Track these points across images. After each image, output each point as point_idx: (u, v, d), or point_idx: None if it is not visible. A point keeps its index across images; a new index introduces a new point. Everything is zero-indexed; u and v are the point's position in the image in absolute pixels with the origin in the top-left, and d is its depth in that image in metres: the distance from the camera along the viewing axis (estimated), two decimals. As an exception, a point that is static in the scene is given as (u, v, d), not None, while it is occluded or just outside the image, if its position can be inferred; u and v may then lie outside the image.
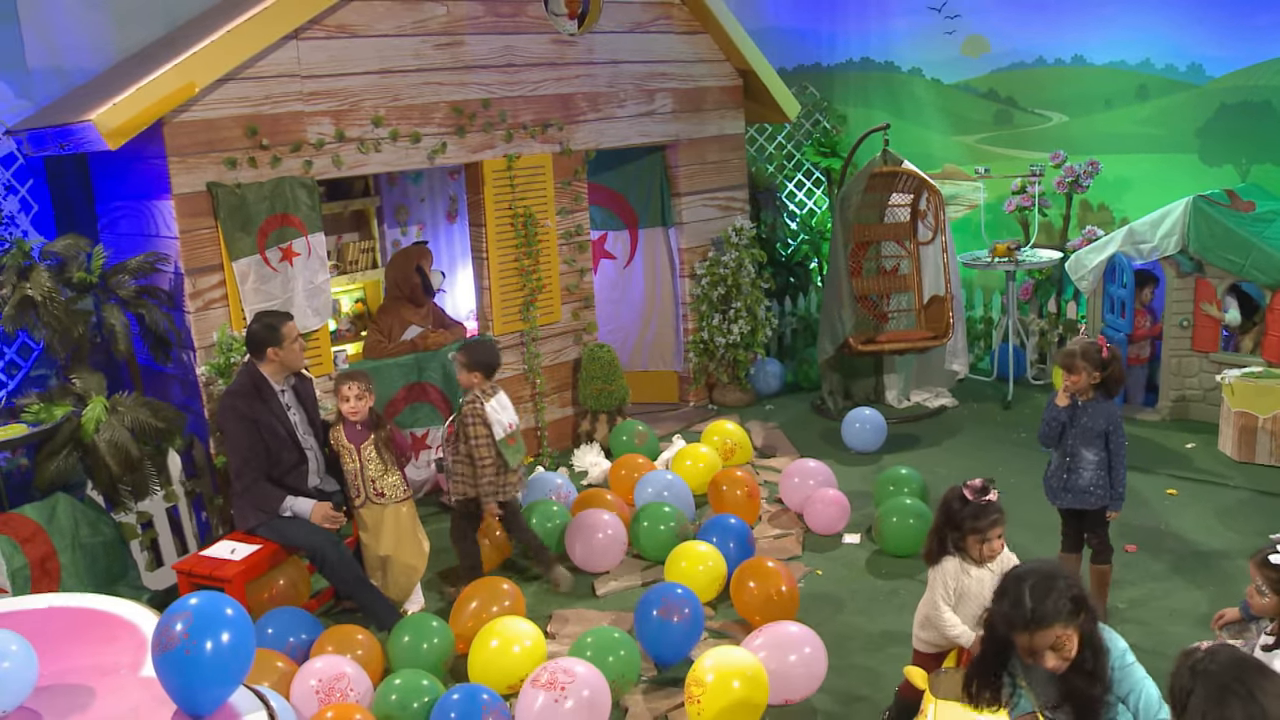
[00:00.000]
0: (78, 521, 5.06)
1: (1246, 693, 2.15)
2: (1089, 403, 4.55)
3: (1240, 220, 6.98)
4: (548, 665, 4.03)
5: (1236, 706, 2.14)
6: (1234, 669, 2.18)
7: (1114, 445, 4.56)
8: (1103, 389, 4.54)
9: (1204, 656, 2.23)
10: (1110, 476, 4.59)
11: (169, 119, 5.41)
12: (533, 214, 6.91)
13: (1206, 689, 2.17)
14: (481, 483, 5.12)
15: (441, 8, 6.37)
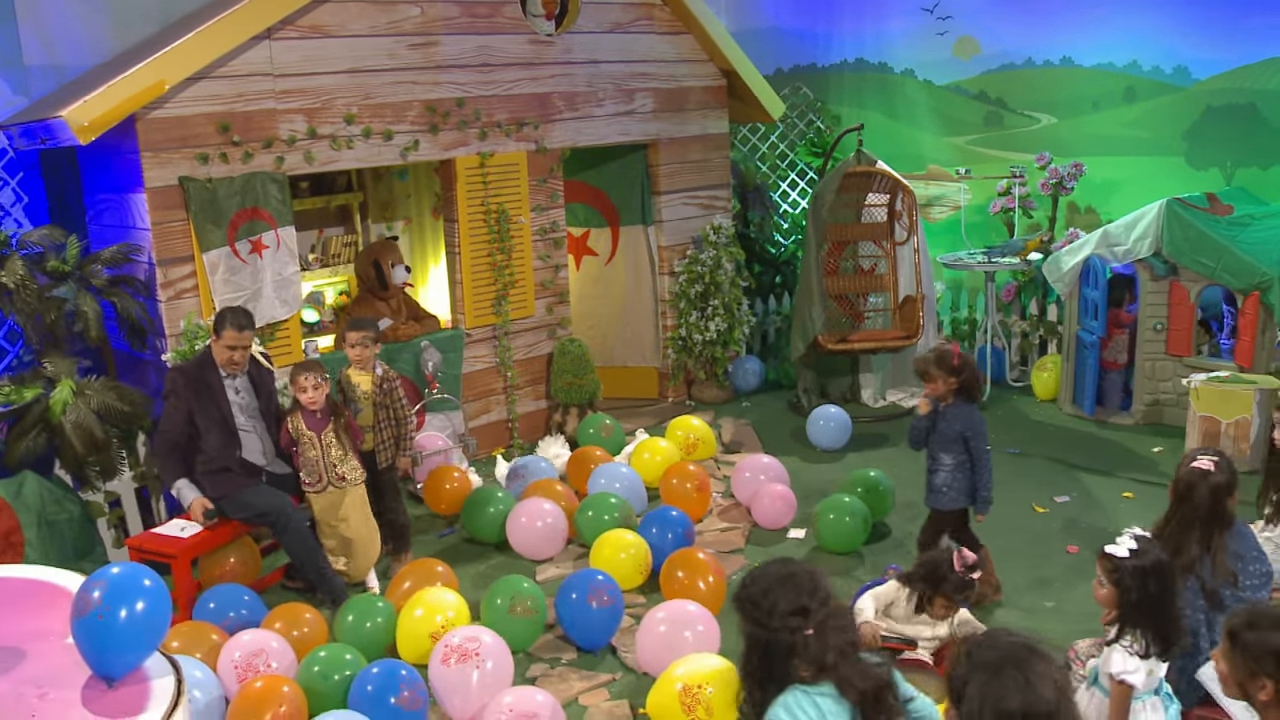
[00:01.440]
0: (44, 499, 5.30)
1: (1021, 677, 2.19)
2: (949, 408, 4.65)
3: (1215, 224, 6.94)
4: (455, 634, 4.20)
5: (1011, 690, 2.18)
6: (1008, 653, 2.23)
7: (973, 450, 4.66)
8: (963, 394, 4.60)
9: (978, 643, 2.30)
10: (973, 480, 4.68)
11: (142, 115, 5.64)
12: (506, 210, 7.07)
13: (982, 675, 2.23)
14: (409, 434, 5.57)
15: (416, 9, 6.55)
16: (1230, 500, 3.43)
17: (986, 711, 2.17)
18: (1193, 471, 3.44)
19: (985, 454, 4.69)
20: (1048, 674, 2.21)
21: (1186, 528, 3.36)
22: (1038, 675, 2.20)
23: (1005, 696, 2.18)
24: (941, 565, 3.77)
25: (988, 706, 2.19)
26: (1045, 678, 2.21)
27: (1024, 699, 2.18)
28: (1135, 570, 3.03)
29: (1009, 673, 2.21)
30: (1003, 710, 2.16)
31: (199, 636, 4.49)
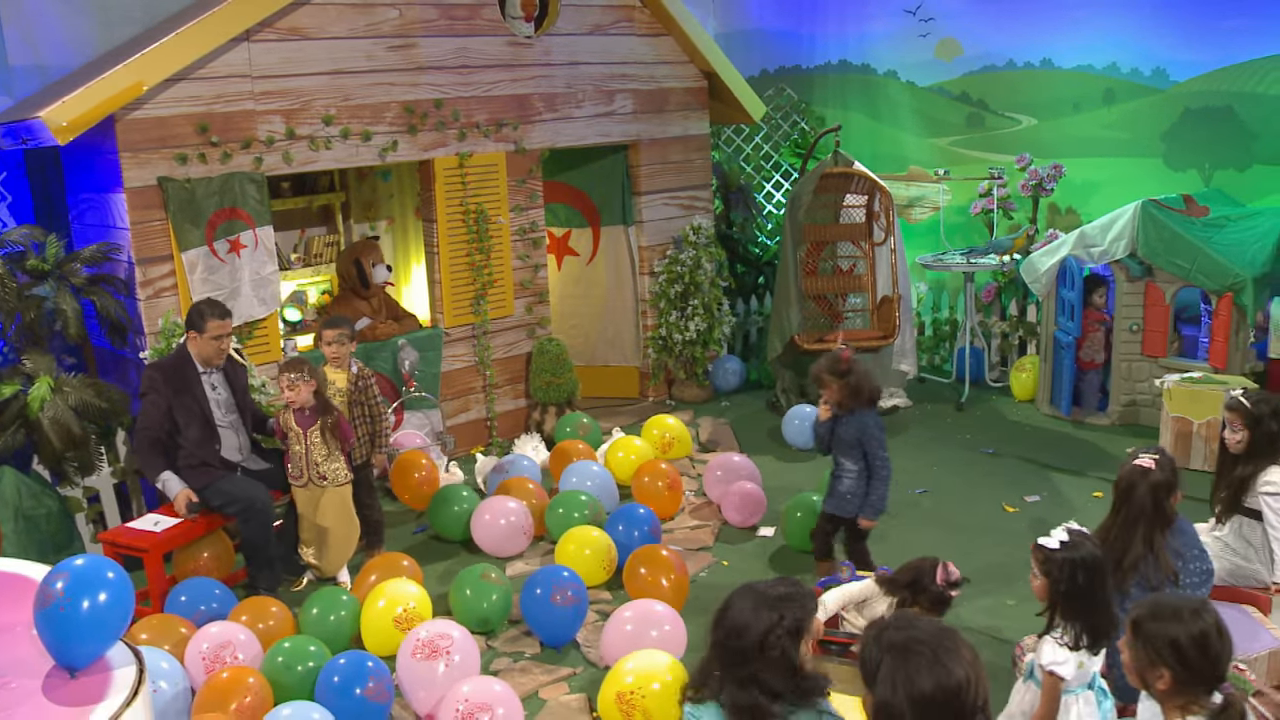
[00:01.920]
0: (22, 494, 5.38)
1: (931, 654, 2.21)
2: (848, 414, 4.66)
3: (1190, 225, 6.98)
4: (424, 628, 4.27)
5: (922, 668, 2.20)
6: (917, 635, 2.27)
7: (870, 455, 4.68)
8: (860, 400, 4.62)
9: (887, 626, 2.34)
10: (867, 486, 4.71)
11: (121, 116, 5.72)
12: (485, 211, 7.14)
13: (892, 656, 2.25)
14: (384, 431, 5.66)
15: (394, 11, 6.62)
16: (1172, 498, 3.48)
17: (899, 692, 2.20)
18: (1133, 470, 3.49)
19: (882, 460, 4.69)
20: (958, 652, 2.23)
21: (1130, 526, 3.41)
22: (947, 652, 2.22)
23: (916, 676, 2.19)
24: (924, 575, 3.81)
25: (899, 687, 2.21)
26: (955, 655, 2.22)
27: (935, 677, 2.19)
28: (1064, 562, 3.08)
29: (918, 651, 2.22)
30: (915, 690, 2.18)
31: (168, 629, 4.56)
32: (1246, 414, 4.11)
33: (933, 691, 2.17)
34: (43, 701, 3.57)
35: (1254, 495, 4.09)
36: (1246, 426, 4.12)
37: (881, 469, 4.71)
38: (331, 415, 5.28)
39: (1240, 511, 4.15)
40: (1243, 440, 4.13)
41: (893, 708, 2.20)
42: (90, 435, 5.64)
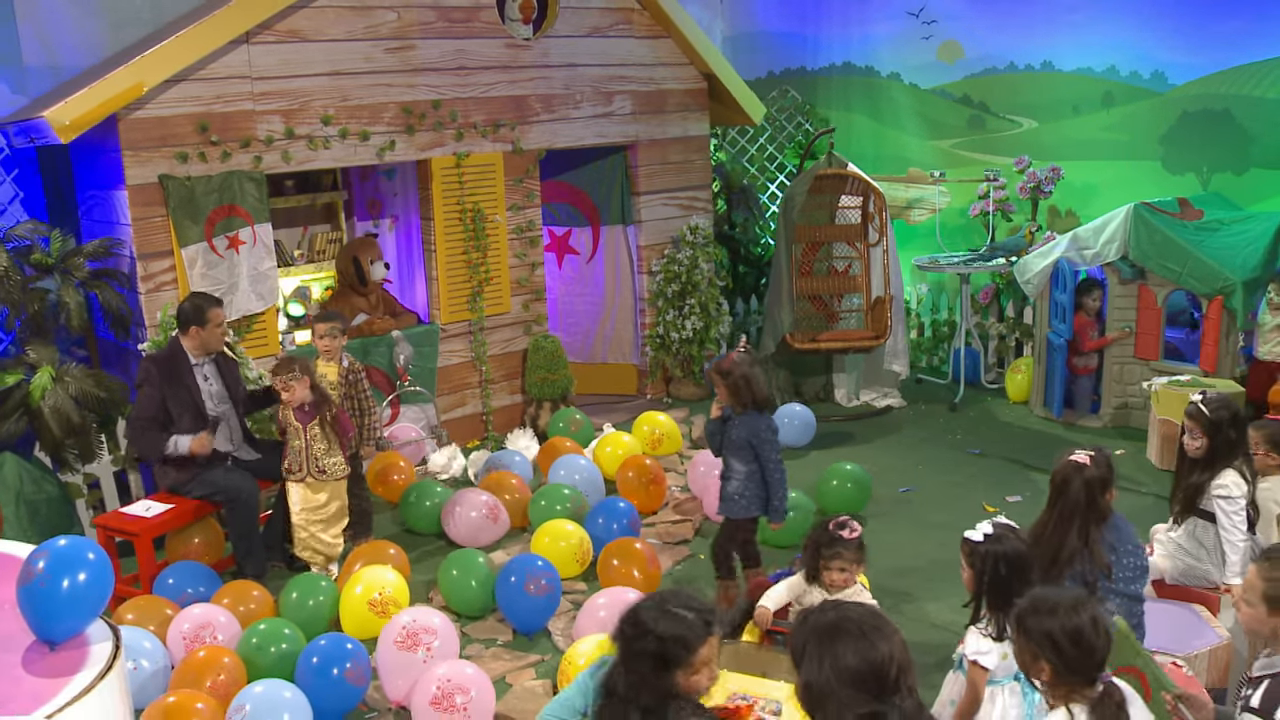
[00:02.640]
0: (23, 479, 5.59)
1: (857, 632, 2.28)
2: (739, 415, 4.65)
3: (1182, 228, 6.99)
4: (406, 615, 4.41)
5: (847, 643, 2.26)
6: (844, 616, 2.34)
7: (761, 458, 4.62)
8: (750, 401, 4.60)
9: (816, 609, 2.42)
10: (766, 489, 4.66)
11: (124, 115, 5.91)
12: (481, 210, 7.28)
13: (818, 635, 2.32)
14: (373, 424, 5.78)
15: (392, 14, 6.78)
16: (1107, 494, 3.54)
17: (826, 670, 2.26)
18: (1068, 465, 3.56)
19: (776, 463, 4.64)
20: (882, 631, 2.29)
21: (1065, 520, 3.47)
22: (873, 630, 2.29)
23: (842, 654, 2.25)
24: (813, 534, 3.89)
25: (826, 665, 2.27)
26: (880, 633, 2.29)
27: (860, 653, 2.25)
28: (988, 554, 3.16)
29: (845, 630, 2.29)
30: (841, 667, 2.24)
31: (154, 610, 4.74)
32: (1205, 421, 4.15)
33: (857, 666, 2.23)
34: (21, 674, 3.75)
35: (1209, 499, 4.13)
36: (1205, 433, 4.15)
37: (775, 471, 4.65)
38: (331, 410, 5.41)
39: (1195, 514, 4.19)
40: (1201, 446, 4.16)
41: (818, 686, 2.27)
42: (90, 424, 5.83)
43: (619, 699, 2.54)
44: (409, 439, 6.98)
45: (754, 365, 4.64)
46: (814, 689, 2.26)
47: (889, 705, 2.21)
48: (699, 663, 2.54)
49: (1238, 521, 4.02)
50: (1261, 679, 2.67)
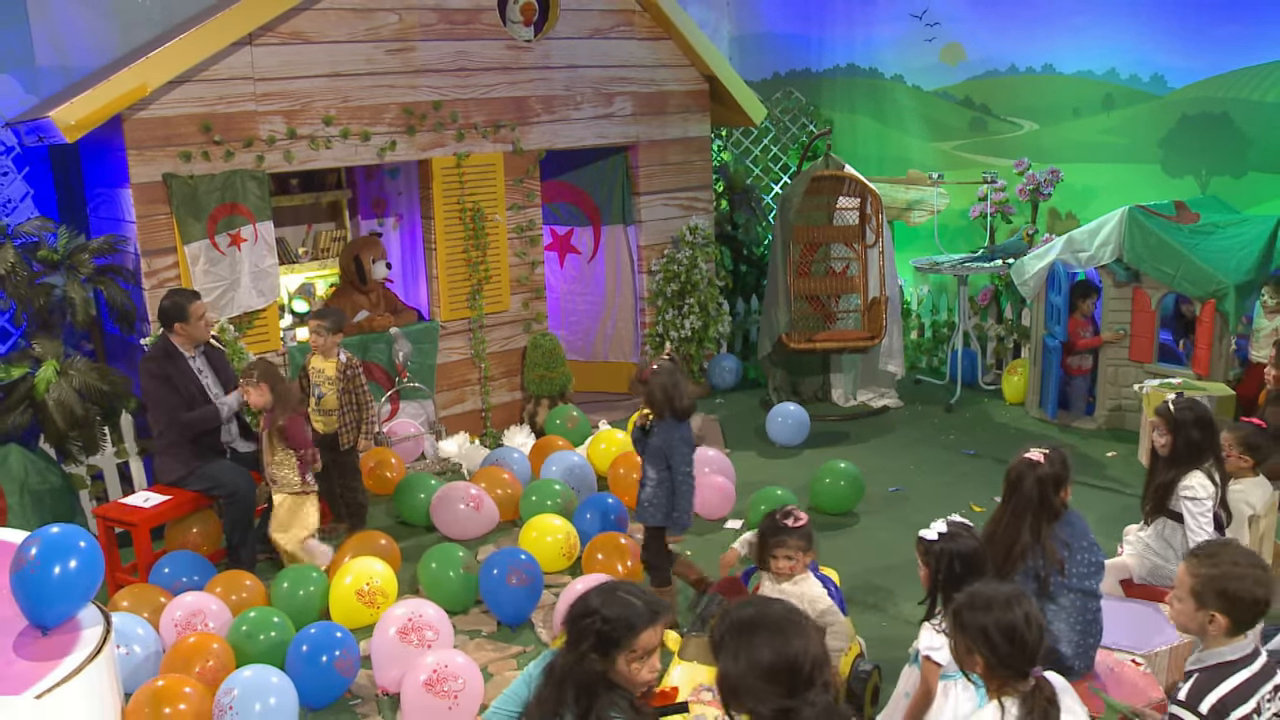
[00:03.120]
0: (28, 469, 5.74)
1: (774, 628, 2.37)
2: (657, 422, 4.69)
3: (1176, 231, 7.01)
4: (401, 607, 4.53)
5: (763, 639, 2.36)
6: (763, 612, 2.43)
7: (671, 468, 4.64)
8: (667, 410, 4.64)
9: (737, 604, 2.52)
10: (671, 499, 4.67)
11: (128, 116, 6.05)
12: (482, 209, 7.39)
13: (737, 629, 2.42)
14: (370, 418, 5.87)
15: (394, 16, 6.89)
16: (1061, 492, 3.60)
17: (742, 663, 2.36)
18: (1023, 462, 3.61)
19: (684, 475, 4.65)
20: (799, 628, 2.38)
21: (1018, 516, 3.54)
22: (790, 626, 2.38)
23: (758, 648, 2.36)
24: (760, 524, 3.97)
25: (742, 658, 2.37)
26: (796, 630, 2.38)
27: (774, 648, 2.35)
28: (942, 552, 3.23)
29: (763, 626, 2.39)
30: (756, 660, 2.34)
31: (148, 597, 4.87)
32: (1170, 419, 4.20)
33: (771, 661, 2.33)
34: (12, 656, 3.89)
35: (1177, 499, 4.17)
36: (1170, 431, 4.20)
37: (683, 483, 4.66)
38: (278, 421, 5.30)
39: (1165, 514, 4.24)
40: (1167, 444, 4.21)
41: (734, 678, 2.37)
42: (94, 416, 5.99)
43: (556, 681, 2.62)
44: (408, 434, 7.09)
45: (675, 375, 4.67)
46: (730, 680, 2.35)
47: (801, 701, 2.28)
48: (641, 647, 2.61)
49: (1204, 523, 4.07)
50: (1192, 672, 2.73)
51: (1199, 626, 2.74)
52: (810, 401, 8.18)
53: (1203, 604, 2.70)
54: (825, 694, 2.33)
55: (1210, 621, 2.70)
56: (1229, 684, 2.65)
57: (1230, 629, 2.69)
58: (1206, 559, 2.74)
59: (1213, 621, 2.69)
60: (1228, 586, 2.67)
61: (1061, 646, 3.45)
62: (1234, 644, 2.71)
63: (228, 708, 4.06)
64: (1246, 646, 2.72)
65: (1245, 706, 2.63)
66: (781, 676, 2.30)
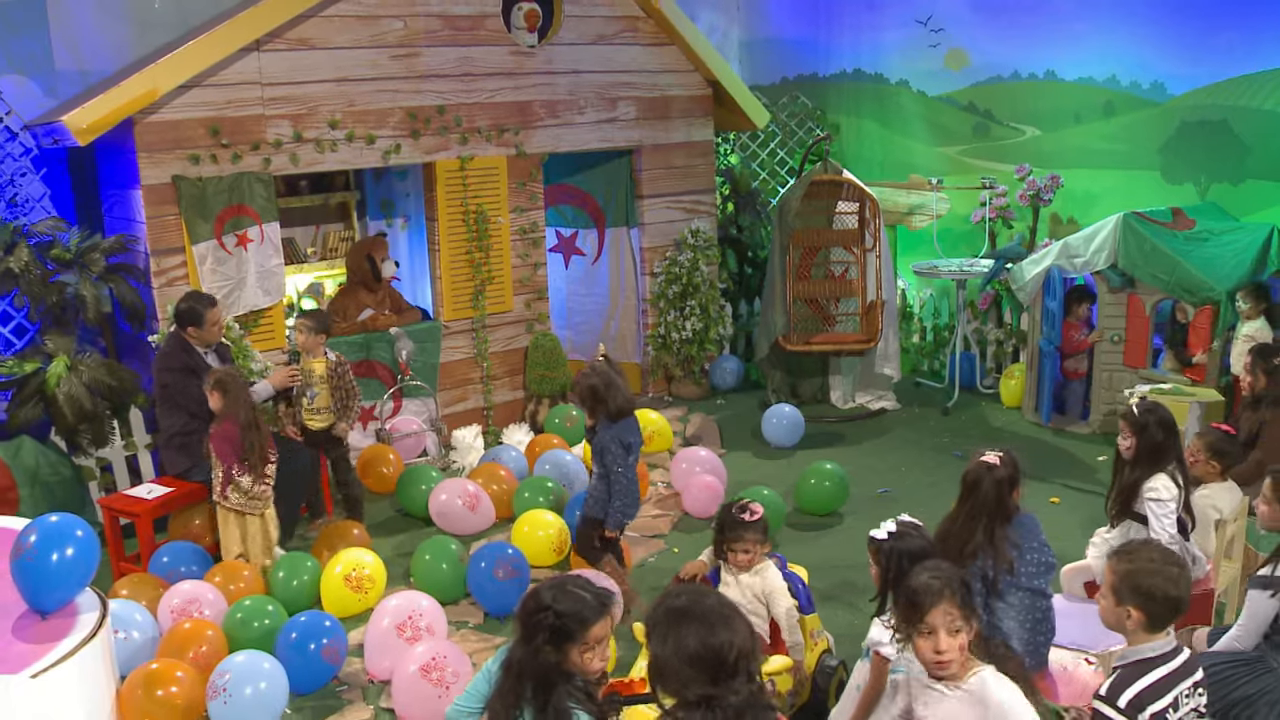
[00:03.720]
0: (39, 461, 5.96)
1: (702, 618, 2.49)
2: (599, 423, 4.86)
3: (1171, 238, 7.05)
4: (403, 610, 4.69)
5: (691, 628, 2.47)
6: (694, 601, 2.55)
7: (606, 466, 4.81)
8: (604, 411, 4.80)
9: (671, 593, 2.64)
10: (609, 496, 4.85)
11: (139, 119, 6.25)
12: (485, 211, 7.54)
13: (668, 616, 2.53)
14: (355, 407, 6.07)
15: (399, 22, 7.05)
16: (1014, 493, 3.69)
17: (670, 648, 2.48)
18: (979, 465, 3.71)
19: (617, 474, 4.79)
20: (727, 620, 2.49)
21: (973, 517, 3.63)
22: (718, 618, 2.49)
23: (686, 636, 2.47)
24: (718, 517, 4.10)
25: (670, 644, 2.49)
26: (724, 621, 2.49)
27: (700, 637, 2.46)
28: (890, 551, 3.34)
29: (693, 615, 2.50)
30: (683, 647, 2.46)
31: (146, 585, 5.06)
32: (1133, 421, 4.28)
33: (697, 649, 2.45)
34: (11, 638, 4.08)
35: (1142, 501, 4.25)
36: (1133, 433, 4.28)
37: (616, 483, 4.81)
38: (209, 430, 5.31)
39: (1130, 516, 4.31)
40: (1130, 446, 4.29)
41: (662, 662, 2.50)
42: (103, 410, 6.18)
43: (514, 675, 2.75)
44: (410, 431, 7.26)
45: (608, 377, 4.80)
46: (658, 664, 2.47)
47: (725, 689, 2.39)
48: (593, 639, 2.75)
49: (1167, 524, 4.14)
50: (1116, 668, 2.83)
51: (1118, 622, 2.84)
52: (809, 403, 8.28)
53: (1121, 600, 2.80)
54: (750, 684, 2.44)
55: (1128, 617, 2.80)
56: (1147, 679, 2.75)
57: (1146, 625, 2.79)
58: (1125, 557, 2.84)
59: (1130, 617, 2.80)
60: (1142, 583, 2.77)
61: (1012, 643, 3.54)
62: (1154, 642, 2.81)
63: (221, 689, 4.23)
64: (1167, 644, 2.81)
65: (1161, 701, 2.73)
66: (706, 665, 2.41)
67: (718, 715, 2.39)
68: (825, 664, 4.10)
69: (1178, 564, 2.84)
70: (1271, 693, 3.31)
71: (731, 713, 2.39)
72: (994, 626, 3.55)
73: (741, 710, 2.40)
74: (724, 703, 2.39)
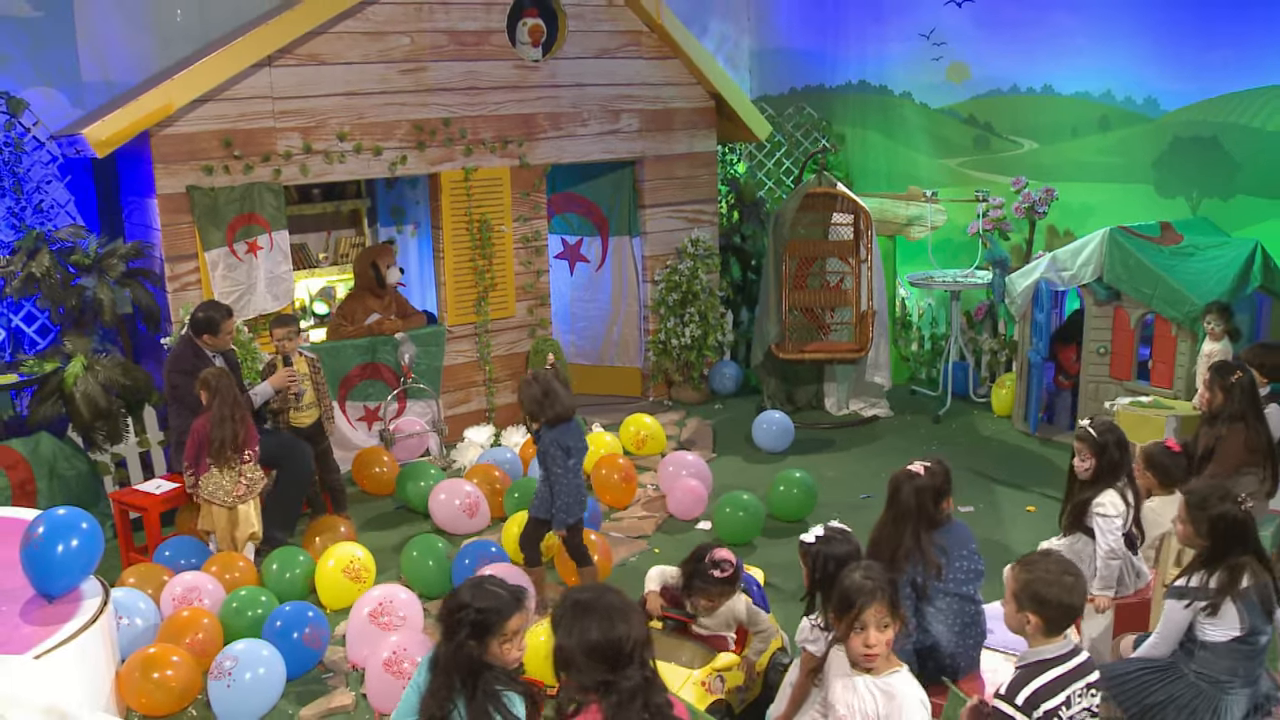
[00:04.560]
0: (56, 456, 6.29)
1: (605, 611, 2.74)
2: (541, 429, 5.12)
3: (1156, 253, 7.18)
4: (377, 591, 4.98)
5: (593, 620, 2.72)
6: (597, 597, 2.80)
7: (546, 468, 5.09)
8: (536, 417, 5.09)
9: (578, 588, 2.91)
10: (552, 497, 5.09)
11: (155, 132, 6.58)
12: (488, 220, 7.81)
13: (573, 609, 2.78)
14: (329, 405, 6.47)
15: (406, 38, 7.34)
16: (942, 503, 3.88)
17: (574, 638, 2.73)
18: (902, 473, 3.91)
19: (558, 475, 5.04)
20: (626, 615, 2.75)
21: (899, 523, 3.83)
22: (617, 613, 2.74)
23: (587, 628, 2.72)
24: (696, 555, 4.27)
25: (574, 634, 2.74)
26: (623, 616, 2.74)
27: (601, 630, 2.71)
28: (818, 554, 3.55)
29: (595, 609, 2.75)
30: (584, 638, 2.71)
31: (151, 575, 5.37)
32: (1093, 443, 4.42)
33: (597, 640, 2.70)
34: (19, 622, 4.40)
35: (1091, 515, 4.41)
36: (1093, 454, 4.42)
37: (557, 482, 5.06)
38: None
39: (1080, 530, 4.48)
40: (1090, 467, 4.43)
41: (565, 650, 2.75)
42: (118, 409, 6.52)
43: (442, 671, 3.01)
44: (413, 431, 7.55)
45: (549, 384, 5.08)
46: (562, 652, 2.73)
47: (621, 676, 2.65)
48: (510, 632, 3.01)
49: (1112, 540, 4.31)
50: (1017, 668, 3.03)
51: (1019, 626, 3.04)
52: (805, 409, 8.48)
53: (1021, 606, 3.01)
54: (643, 671, 2.68)
55: (1027, 622, 3.00)
56: (1042, 679, 2.95)
57: (1043, 629, 2.99)
58: (1026, 568, 3.04)
59: (1029, 622, 3.00)
60: (1039, 591, 2.97)
61: (941, 646, 3.74)
62: (1051, 644, 3.01)
63: (227, 671, 4.53)
64: (1064, 647, 3.01)
65: (1055, 700, 2.93)
66: (605, 654, 2.66)
67: (613, 698, 2.63)
68: (778, 661, 4.31)
69: (1073, 574, 3.03)
70: (1180, 698, 3.49)
71: (626, 695, 2.63)
72: (924, 630, 3.75)
73: (634, 693, 2.64)
74: (619, 687, 2.63)
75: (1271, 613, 3.50)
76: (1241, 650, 3.47)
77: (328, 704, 4.68)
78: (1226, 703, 3.46)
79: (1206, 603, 3.46)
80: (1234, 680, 3.47)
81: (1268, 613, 3.49)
